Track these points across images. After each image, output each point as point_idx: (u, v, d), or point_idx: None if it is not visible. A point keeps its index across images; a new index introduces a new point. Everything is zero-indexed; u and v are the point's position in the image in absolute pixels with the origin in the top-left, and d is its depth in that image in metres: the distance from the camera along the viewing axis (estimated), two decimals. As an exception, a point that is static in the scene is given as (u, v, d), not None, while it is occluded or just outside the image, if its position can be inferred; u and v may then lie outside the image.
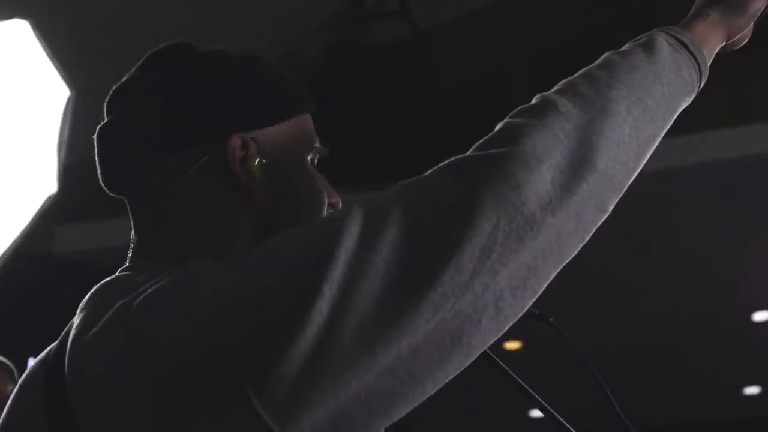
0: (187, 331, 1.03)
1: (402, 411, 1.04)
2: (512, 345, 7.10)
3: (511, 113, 1.15)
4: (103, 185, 1.29)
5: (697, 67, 1.22)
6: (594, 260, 2.53)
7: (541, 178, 1.06)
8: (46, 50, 3.35)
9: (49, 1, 3.81)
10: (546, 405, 1.38)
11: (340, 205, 1.29)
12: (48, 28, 3.39)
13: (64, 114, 3.45)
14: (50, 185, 3.61)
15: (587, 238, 1.12)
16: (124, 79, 1.29)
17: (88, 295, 1.18)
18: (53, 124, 3.46)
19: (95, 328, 1.10)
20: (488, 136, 1.12)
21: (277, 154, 1.24)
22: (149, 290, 1.08)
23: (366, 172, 3.89)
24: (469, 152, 1.11)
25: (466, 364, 1.06)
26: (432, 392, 1.05)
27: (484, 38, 6.48)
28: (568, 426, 1.37)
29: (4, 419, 1.23)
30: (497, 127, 1.13)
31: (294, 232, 1.11)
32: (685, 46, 1.23)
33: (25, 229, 3.80)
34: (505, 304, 1.05)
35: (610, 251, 4.58)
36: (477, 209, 1.04)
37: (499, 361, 1.35)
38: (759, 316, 7.06)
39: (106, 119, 1.28)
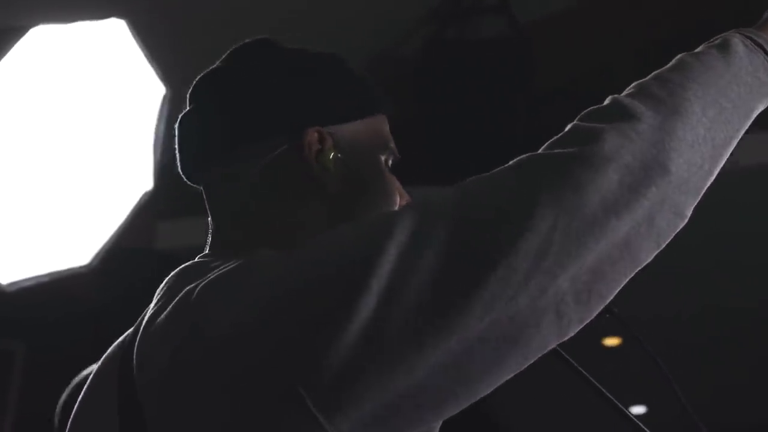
0: (240, 323, 1.03)
1: (453, 409, 1.03)
2: (611, 341, 7.00)
3: (581, 114, 1.13)
4: (181, 173, 1.31)
5: None
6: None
7: (607, 179, 1.03)
8: (142, 49, 3.39)
9: (146, 1, 3.85)
10: (616, 401, 1.37)
11: None
12: (144, 27, 3.43)
13: (160, 112, 3.50)
14: (146, 182, 3.66)
15: (663, 245, 1.08)
16: (208, 69, 1.32)
17: (165, 281, 1.20)
18: (150, 121, 3.51)
19: (162, 316, 1.11)
20: (557, 136, 1.10)
21: (352, 151, 1.25)
22: (209, 278, 1.09)
23: (464, 170, 3.87)
24: (538, 151, 1.10)
25: (524, 366, 1.04)
26: (486, 392, 1.03)
27: (588, 34, 6.40)
28: (639, 424, 1.36)
29: (82, 399, 1.25)
30: (567, 128, 1.12)
31: (350, 226, 1.10)
32: (761, 47, 1.20)
33: (123, 224, 3.85)
34: (568, 308, 1.02)
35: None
36: (533, 208, 1.02)
37: (568, 357, 1.34)
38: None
39: (188, 107, 1.31)
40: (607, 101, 1.14)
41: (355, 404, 0.99)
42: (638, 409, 7.21)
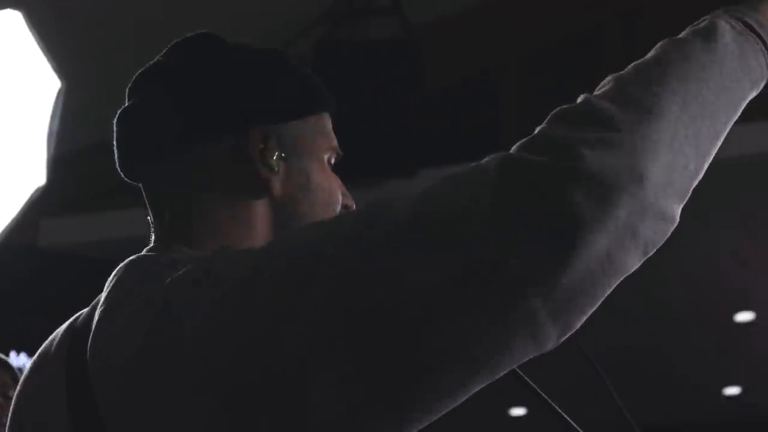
0: (205, 323, 1.02)
1: (417, 426, 1.02)
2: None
3: (553, 115, 1.05)
4: (119, 170, 1.29)
5: (765, 51, 1.10)
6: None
7: (576, 195, 0.97)
8: (38, 41, 3.34)
9: (42, -7, 3.80)
10: (552, 402, 1.36)
11: (354, 208, 1.28)
12: (40, 20, 3.38)
13: (55, 106, 3.45)
14: (39, 177, 3.61)
15: (653, 251, 1.02)
16: (148, 64, 1.29)
17: (115, 275, 1.17)
18: (43, 115, 3.46)
19: (121, 312, 1.10)
20: (528, 139, 1.03)
21: (296, 150, 1.24)
22: (176, 276, 1.08)
23: (356, 170, 3.90)
24: (510, 152, 1.03)
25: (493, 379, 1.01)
26: (450, 408, 1.02)
27: (477, 36, 6.48)
28: (574, 425, 1.35)
29: (20, 393, 1.23)
30: (539, 130, 1.04)
31: (308, 226, 1.11)
32: (751, 28, 1.10)
33: (14, 220, 3.79)
34: (542, 327, 0.98)
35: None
36: (497, 218, 0.98)
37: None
38: (741, 317, 7.07)
39: (127, 103, 1.28)
40: (580, 100, 1.06)
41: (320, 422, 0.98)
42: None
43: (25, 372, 1.24)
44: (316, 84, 1.30)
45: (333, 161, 1.29)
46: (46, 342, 1.24)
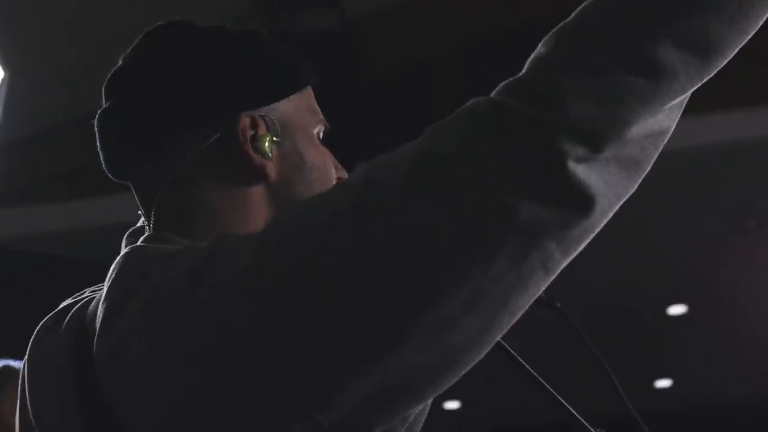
0: (212, 314, 1.00)
1: (448, 382, 1.01)
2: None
3: (535, 59, 1.02)
4: (106, 171, 1.26)
5: None
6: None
7: (566, 145, 0.96)
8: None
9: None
10: (553, 391, 1.36)
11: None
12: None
13: (-1, 96, 3.39)
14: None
15: (650, 166, 1.02)
16: (121, 61, 1.25)
17: (114, 268, 1.14)
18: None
19: (125, 309, 1.07)
20: (514, 82, 1.01)
21: (286, 131, 1.22)
22: (176, 271, 1.05)
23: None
24: (498, 98, 1.00)
25: (513, 323, 1.01)
26: (477, 359, 1.01)
27: (415, 27, 6.48)
28: (576, 414, 1.35)
29: (28, 380, 1.20)
30: (525, 74, 1.01)
31: (303, 202, 1.07)
32: None
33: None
34: (557, 264, 0.99)
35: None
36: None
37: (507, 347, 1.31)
38: (674, 310, 7.14)
39: (105, 104, 1.25)
40: (557, 43, 1.02)
41: (343, 392, 0.97)
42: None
43: (24, 369, 1.21)
44: (296, 60, 1.27)
45: (322, 135, 1.27)
46: (40, 331, 1.22)
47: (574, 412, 1.37)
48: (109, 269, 1.15)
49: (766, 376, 7.54)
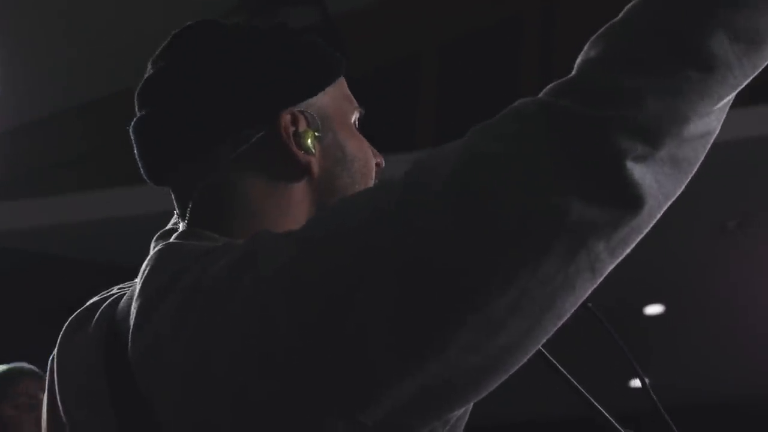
0: (255, 312, 0.99)
1: (492, 385, 1.00)
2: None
3: (588, 60, 1.00)
4: (147, 179, 1.24)
5: None
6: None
7: (621, 144, 0.96)
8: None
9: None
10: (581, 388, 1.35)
11: (383, 165, 1.26)
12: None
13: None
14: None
15: (697, 166, 1.02)
16: (151, 67, 1.23)
17: (147, 264, 1.14)
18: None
19: (160, 307, 1.06)
20: (564, 83, 1.00)
21: (326, 124, 1.21)
22: (215, 267, 1.04)
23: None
24: (547, 98, 0.99)
25: (558, 326, 1.00)
26: (523, 361, 1.00)
27: (396, 24, 6.49)
28: (604, 412, 1.35)
29: (58, 377, 1.19)
30: (577, 72, 1.00)
31: (346, 199, 1.07)
32: None
33: None
34: (603, 264, 0.98)
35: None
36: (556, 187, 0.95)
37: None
38: (651, 310, 7.15)
39: (141, 112, 1.23)
40: (608, 43, 1.00)
41: (387, 392, 0.96)
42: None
43: (53, 366, 1.20)
44: (326, 50, 1.25)
45: (358, 122, 1.26)
46: (68, 328, 1.21)
47: (604, 412, 1.36)
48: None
49: (742, 376, 7.58)
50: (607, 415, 1.36)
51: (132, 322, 1.08)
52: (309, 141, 1.18)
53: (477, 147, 0.98)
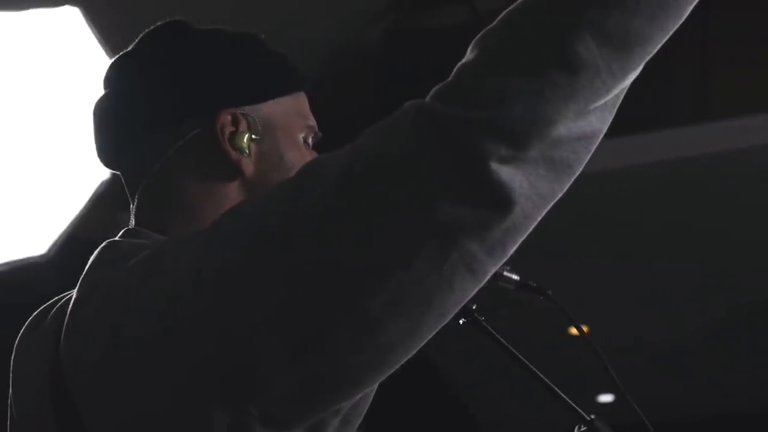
0: (155, 315, 1.05)
1: (376, 380, 1.04)
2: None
3: (467, 63, 1.03)
4: (99, 161, 1.32)
5: None
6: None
7: (489, 146, 0.98)
8: (97, 37, 3.37)
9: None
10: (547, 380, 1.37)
11: None
12: (98, 15, 3.41)
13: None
14: (103, 171, 3.64)
15: (581, 167, 1.02)
16: (119, 54, 1.31)
17: (91, 260, 1.20)
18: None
19: (86, 304, 1.12)
20: (445, 86, 1.03)
21: (267, 131, 1.26)
22: (131, 266, 1.10)
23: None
24: (427, 100, 1.03)
25: (444, 323, 1.03)
26: (408, 357, 1.03)
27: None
28: (572, 404, 1.37)
29: (12, 375, 1.25)
30: (456, 74, 1.03)
31: (244, 201, 1.14)
32: None
33: (81, 213, 3.83)
34: (482, 264, 0.99)
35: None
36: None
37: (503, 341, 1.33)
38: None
39: (103, 93, 1.31)
40: (490, 41, 1.02)
41: (270, 385, 1.00)
42: (606, 398, 7.22)
43: (14, 353, 1.26)
44: (288, 65, 1.31)
45: (311, 141, 1.30)
46: (27, 327, 1.27)
47: (568, 399, 1.39)
48: None
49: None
50: (572, 403, 1.38)
51: (65, 320, 1.13)
52: (243, 141, 1.23)
53: (360, 148, 1.02)
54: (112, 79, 1.29)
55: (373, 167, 0.99)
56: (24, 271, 3.78)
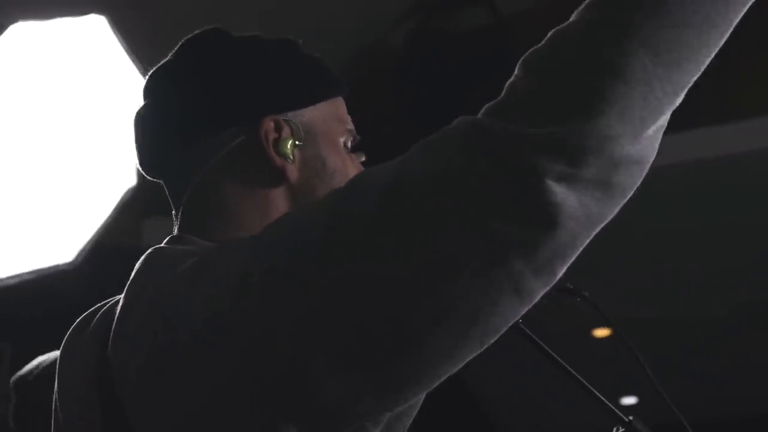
0: (210, 318, 1.04)
1: (415, 395, 1.03)
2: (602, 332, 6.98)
3: (522, 75, 1.02)
4: (140, 169, 1.32)
5: None
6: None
7: (544, 164, 0.96)
8: (123, 45, 3.38)
9: (127, -4, 3.85)
10: (585, 383, 1.37)
11: None
12: (125, 24, 3.42)
13: (142, 108, 3.48)
14: (129, 178, 3.66)
15: (631, 193, 1.01)
16: (160, 64, 1.31)
17: (136, 267, 1.19)
18: (131, 117, 3.49)
19: (133, 311, 1.12)
20: (497, 104, 1.02)
21: (310, 136, 1.26)
22: (178, 273, 1.10)
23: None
24: (479, 117, 1.02)
25: (490, 343, 1.02)
26: (451, 373, 1.02)
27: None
28: (611, 405, 1.36)
29: (58, 379, 1.25)
30: (505, 96, 1.02)
31: (294, 213, 1.13)
32: None
33: (107, 221, 3.84)
34: (529, 283, 0.98)
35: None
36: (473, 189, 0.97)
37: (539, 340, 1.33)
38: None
39: (143, 102, 1.31)
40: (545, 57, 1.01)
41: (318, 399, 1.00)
42: (629, 400, 7.20)
43: (59, 360, 1.26)
44: (326, 70, 1.32)
45: (350, 144, 1.31)
46: (72, 331, 1.27)
47: (606, 401, 1.38)
48: None
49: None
50: (608, 403, 1.36)
51: (113, 325, 1.13)
52: (287, 148, 1.23)
53: (409, 164, 1.00)
54: (152, 89, 1.30)
55: (422, 181, 0.98)
56: (51, 279, 3.80)
